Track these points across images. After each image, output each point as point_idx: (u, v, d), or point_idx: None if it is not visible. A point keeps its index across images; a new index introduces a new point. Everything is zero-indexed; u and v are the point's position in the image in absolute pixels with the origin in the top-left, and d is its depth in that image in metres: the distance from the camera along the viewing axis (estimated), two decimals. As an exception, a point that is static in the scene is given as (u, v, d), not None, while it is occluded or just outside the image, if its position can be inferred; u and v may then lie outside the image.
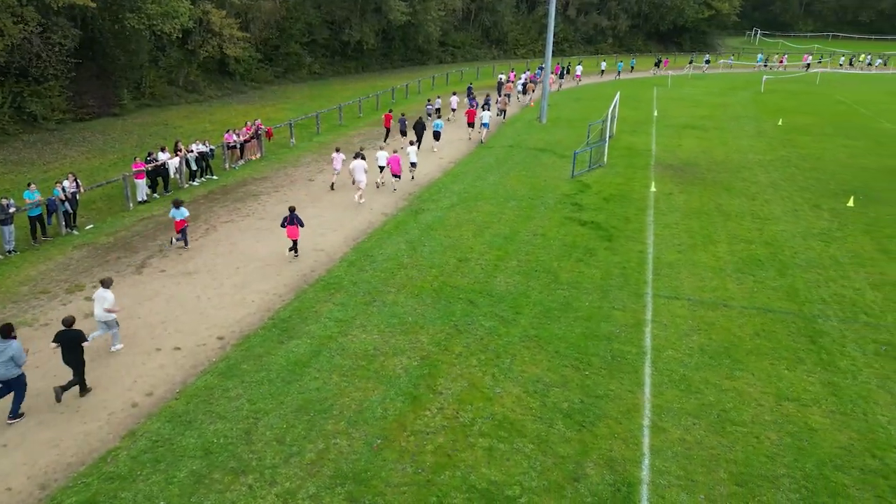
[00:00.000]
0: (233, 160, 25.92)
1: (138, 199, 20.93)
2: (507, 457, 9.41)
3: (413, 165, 23.70)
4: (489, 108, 32.61)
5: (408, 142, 25.28)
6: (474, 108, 32.41)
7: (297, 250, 16.79)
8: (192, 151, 23.18)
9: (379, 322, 13.30)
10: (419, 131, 27.60)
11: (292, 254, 16.72)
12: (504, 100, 38.00)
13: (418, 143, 26.53)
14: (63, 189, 17.98)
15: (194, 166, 23.34)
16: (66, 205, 18.07)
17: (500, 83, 44.53)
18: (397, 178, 22.50)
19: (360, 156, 21.21)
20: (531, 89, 44.91)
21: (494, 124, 33.98)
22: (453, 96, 37.22)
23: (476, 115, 31.59)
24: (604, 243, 17.75)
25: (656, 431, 10.04)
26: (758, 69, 66.93)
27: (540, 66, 52.44)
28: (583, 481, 8.96)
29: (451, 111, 36.85)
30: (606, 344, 12.55)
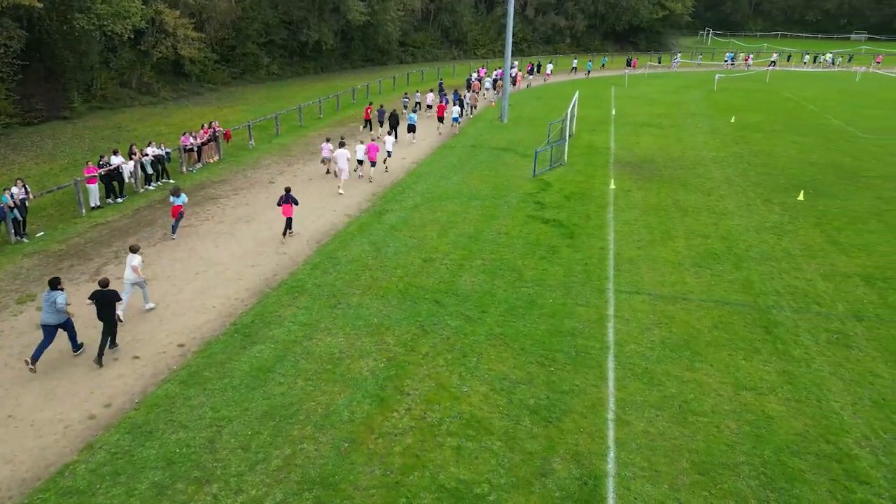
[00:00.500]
0: (190, 163, 25.37)
1: (91, 205, 20.31)
2: (475, 455, 9.45)
3: (388, 154, 25.17)
4: (459, 104, 34.30)
5: (385, 132, 26.76)
6: (444, 104, 33.55)
7: (292, 228, 17.93)
8: (147, 155, 22.60)
9: (344, 325, 13.20)
10: (393, 122, 29.27)
11: (288, 234, 17.85)
12: (474, 96, 39.67)
13: (395, 134, 28.14)
14: (11, 196, 17.33)
15: (150, 170, 22.76)
16: (14, 212, 17.41)
17: (470, 81, 46.19)
18: (372, 164, 23.81)
19: (342, 145, 22.57)
20: (501, 86, 45.66)
21: (463, 120, 35.51)
22: (430, 93, 38.64)
23: (446, 111, 33.04)
24: (566, 241, 17.98)
25: (621, 424, 10.22)
26: (726, 67, 69.16)
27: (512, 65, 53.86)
28: (550, 476, 9.06)
29: (426, 107, 38.07)
30: (571, 340, 12.72)
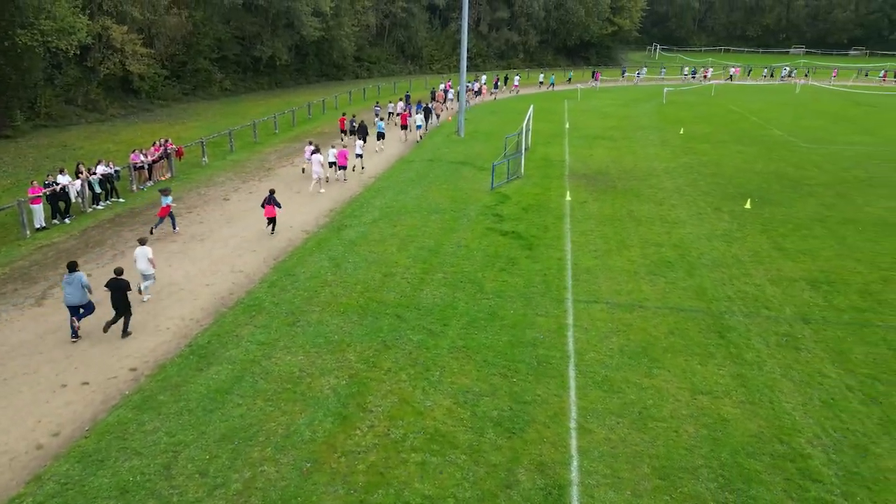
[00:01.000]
0: (140, 181, 24.72)
1: (36, 226, 19.54)
2: (440, 469, 9.39)
3: (359, 157, 27.75)
4: (422, 112, 36.90)
5: (355, 138, 29.50)
6: (407, 113, 35.74)
7: (275, 227, 19.50)
8: (94, 173, 21.93)
9: (304, 342, 13.00)
10: (362, 133, 30.89)
11: (270, 228, 19.45)
12: (438, 105, 43.38)
13: (364, 139, 29.83)
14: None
15: (98, 189, 22.06)
16: (-48, 235, 16.63)
17: (434, 93, 49.14)
18: (343, 168, 25.85)
19: (317, 150, 24.75)
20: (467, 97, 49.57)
21: (430, 127, 38.67)
22: (400, 102, 41.35)
23: (409, 119, 35.45)
24: (525, 252, 18.17)
25: (583, 433, 10.32)
26: (685, 80, 71.58)
27: (475, 79, 58.00)
28: (515, 488, 9.07)
29: (396, 115, 40.24)
30: (532, 350, 12.81)
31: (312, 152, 24.80)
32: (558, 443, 10.05)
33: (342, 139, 33.64)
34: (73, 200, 21.10)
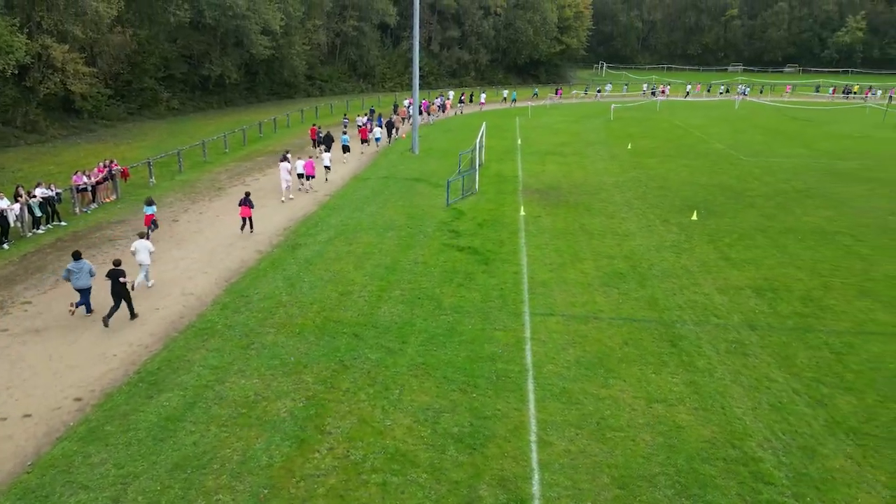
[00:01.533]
0: (84, 204, 23.87)
1: (-29, 252, 18.63)
2: (401, 489, 9.28)
3: (327, 168, 29.00)
4: (388, 126, 40.60)
5: (322, 149, 30.69)
6: (366, 127, 37.78)
7: (252, 226, 20.85)
8: (34, 196, 21.07)
9: (259, 365, 12.71)
10: (328, 142, 32.21)
11: (248, 228, 20.74)
12: (398, 119, 45.80)
13: (329, 149, 30.93)
14: None
15: (38, 212, 21.18)
16: None
17: (395, 107, 52.52)
18: (311, 177, 27.22)
19: (285, 159, 25.73)
20: (433, 111, 53.13)
21: (392, 139, 41.37)
22: (365, 116, 42.87)
23: (369, 133, 37.55)
24: (481, 267, 18.29)
25: (543, 445, 10.38)
26: (644, 96, 73.92)
27: (440, 94, 60.85)
28: (478, 504, 9.04)
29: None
30: (491, 365, 12.86)
31: (280, 160, 25.95)
32: (519, 457, 10.08)
33: (314, 148, 35.90)
34: (13, 225, 20.20)
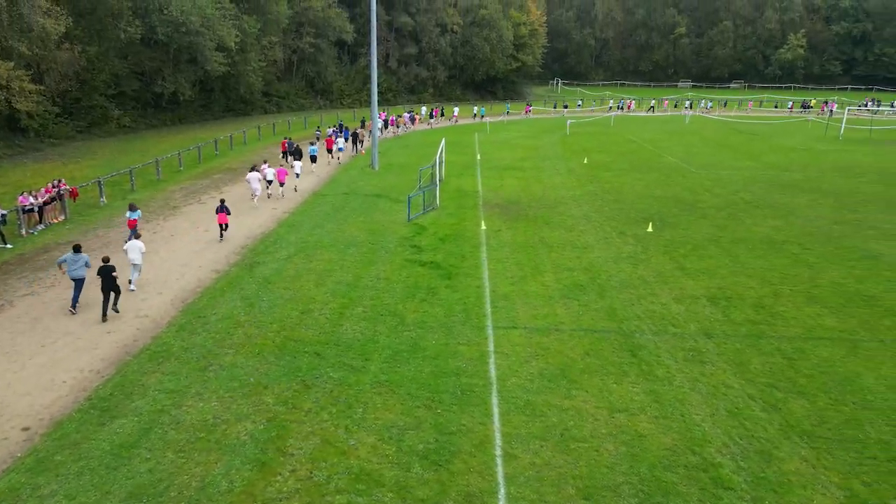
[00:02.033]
0: (30, 225, 23.00)
1: None
2: (366, 510, 9.13)
3: (297, 175, 31.13)
4: (353, 138, 43.42)
5: (293, 159, 33.14)
6: (332, 138, 40.01)
7: (226, 230, 21.69)
8: (-23, 218, 20.22)
9: (217, 387, 12.38)
10: (297, 152, 34.46)
11: (222, 237, 21.58)
12: (363, 132, 46.95)
13: (298, 159, 33.22)
14: None
15: (-19, 234, 20.35)
16: None
17: (364, 122, 53.53)
18: (281, 185, 28.77)
19: (255, 169, 27.70)
20: (402, 122, 56.09)
21: (356, 151, 43.56)
22: (333, 128, 45.56)
23: (334, 144, 39.52)
24: (444, 282, 18.29)
25: (508, 459, 10.37)
26: (610, 112, 75.63)
27: (408, 111, 62.01)
28: (444, 521, 8.95)
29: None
30: (455, 379, 12.82)
31: (250, 170, 27.59)
32: (485, 471, 10.05)
33: (284, 160, 37.27)
34: (-48, 248, 19.32)
